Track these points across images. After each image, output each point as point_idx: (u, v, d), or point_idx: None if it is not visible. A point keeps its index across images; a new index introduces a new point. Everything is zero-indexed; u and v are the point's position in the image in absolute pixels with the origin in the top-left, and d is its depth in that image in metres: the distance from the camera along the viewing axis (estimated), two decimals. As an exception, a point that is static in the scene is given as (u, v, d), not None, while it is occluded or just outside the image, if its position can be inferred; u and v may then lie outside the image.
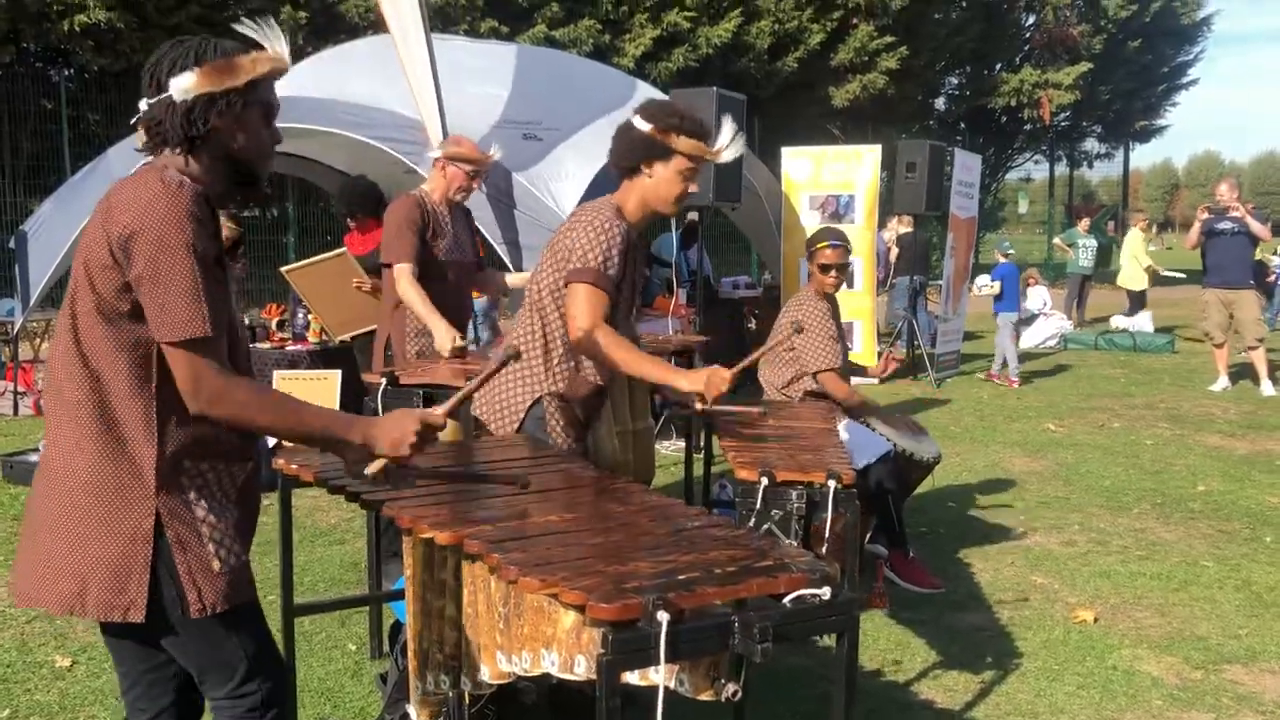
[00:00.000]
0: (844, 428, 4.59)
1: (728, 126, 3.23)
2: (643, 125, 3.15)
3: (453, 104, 7.27)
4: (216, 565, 2.00)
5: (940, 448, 5.32)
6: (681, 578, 1.79)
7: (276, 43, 2.04)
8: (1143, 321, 14.59)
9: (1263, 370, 10.04)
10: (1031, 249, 27.97)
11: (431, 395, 3.82)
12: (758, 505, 2.77)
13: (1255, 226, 9.81)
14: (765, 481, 2.80)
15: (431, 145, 6.23)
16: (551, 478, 2.56)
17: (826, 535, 3.02)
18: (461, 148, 4.87)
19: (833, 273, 4.87)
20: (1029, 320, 13.99)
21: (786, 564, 1.86)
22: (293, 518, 3.08)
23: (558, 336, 3.18)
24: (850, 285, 8.06)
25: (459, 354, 4.45)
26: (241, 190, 2.11)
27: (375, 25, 13.38)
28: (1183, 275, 17.09)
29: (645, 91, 9.06)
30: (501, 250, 7.21)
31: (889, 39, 19.78)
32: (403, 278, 4.50)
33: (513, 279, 5.33)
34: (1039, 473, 6.92)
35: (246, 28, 2.05)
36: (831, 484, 2.78)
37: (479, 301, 13.87)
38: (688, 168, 3.17)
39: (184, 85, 1.94)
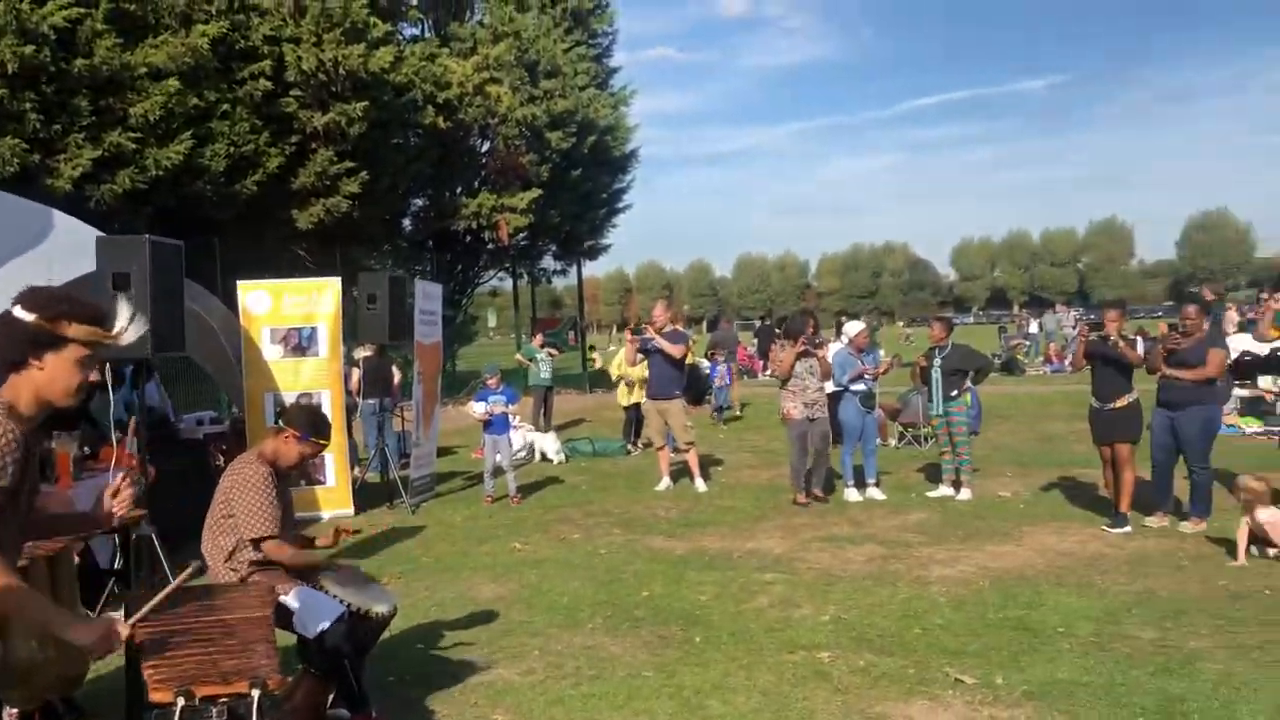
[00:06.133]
0: (294, 596, 4.50)
1: (125, 308, 3.07)
2: (26, 316, 2.90)
3: None
4: None
5: (399, 593, 5.37)
6: None
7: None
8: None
9: (695, 470, 11.34)
10: (505, 359, 29.50)
11: None
12: (174, 730, 2.60)
13: (666, 346, 11.16)
14: (182, 702, 2.64)
15: None
16: None
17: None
18: None
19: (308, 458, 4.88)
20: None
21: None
22: None
23: None
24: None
25: None
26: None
27: None
28: None
29: (65, 223, 8.34)
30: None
31: (349, 164, 20.04)
32: None
33: None
34: (505, 597, 7.20)
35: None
36: (255, 694, 2.69)
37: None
38: (85, 355, 2.97)
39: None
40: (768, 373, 29.71)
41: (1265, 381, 15.21)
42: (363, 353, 13.11)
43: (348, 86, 19.77)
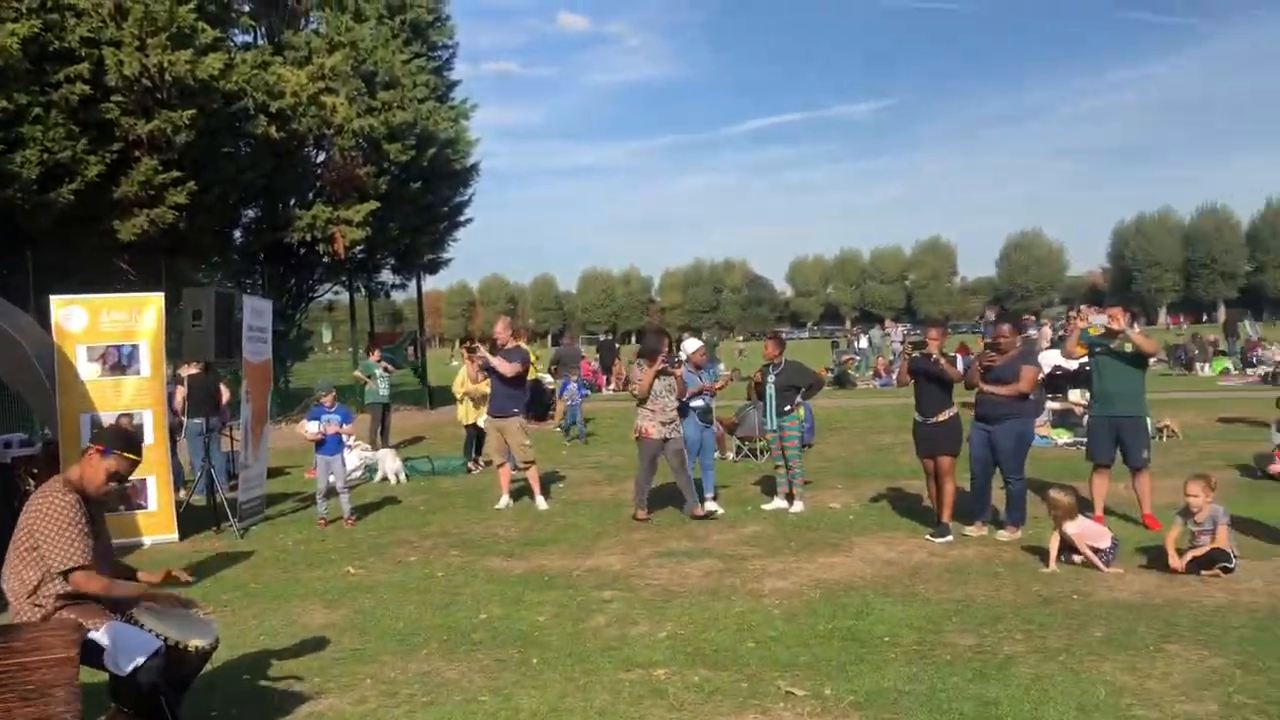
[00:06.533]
0: (104, 632, 4.27)
1: None
2: None
3: None
4: None
5: (226, 622, 5.16)
6: None
7: None
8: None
9: (536, 488, 11.29)
10: (341, 375, 28.73)
11: None
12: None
13: (498, 365, 11.13)
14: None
15: None
16: None
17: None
18: None
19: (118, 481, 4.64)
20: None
21: None
22: None
23: None
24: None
25: None
26: None
27: None
28: None
29: None
30: None
31: (176, 173, 19.21)
32: None
33: None
34: (336, 624, 7.00)
35: None
36: (53, 743, 2.53)
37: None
38: None
39: None
40: (610, 387, 29.88)
41: (1074, 394, 16.17)
42: (188, 370, 12.57)
43: (174, 93, 18.98)
